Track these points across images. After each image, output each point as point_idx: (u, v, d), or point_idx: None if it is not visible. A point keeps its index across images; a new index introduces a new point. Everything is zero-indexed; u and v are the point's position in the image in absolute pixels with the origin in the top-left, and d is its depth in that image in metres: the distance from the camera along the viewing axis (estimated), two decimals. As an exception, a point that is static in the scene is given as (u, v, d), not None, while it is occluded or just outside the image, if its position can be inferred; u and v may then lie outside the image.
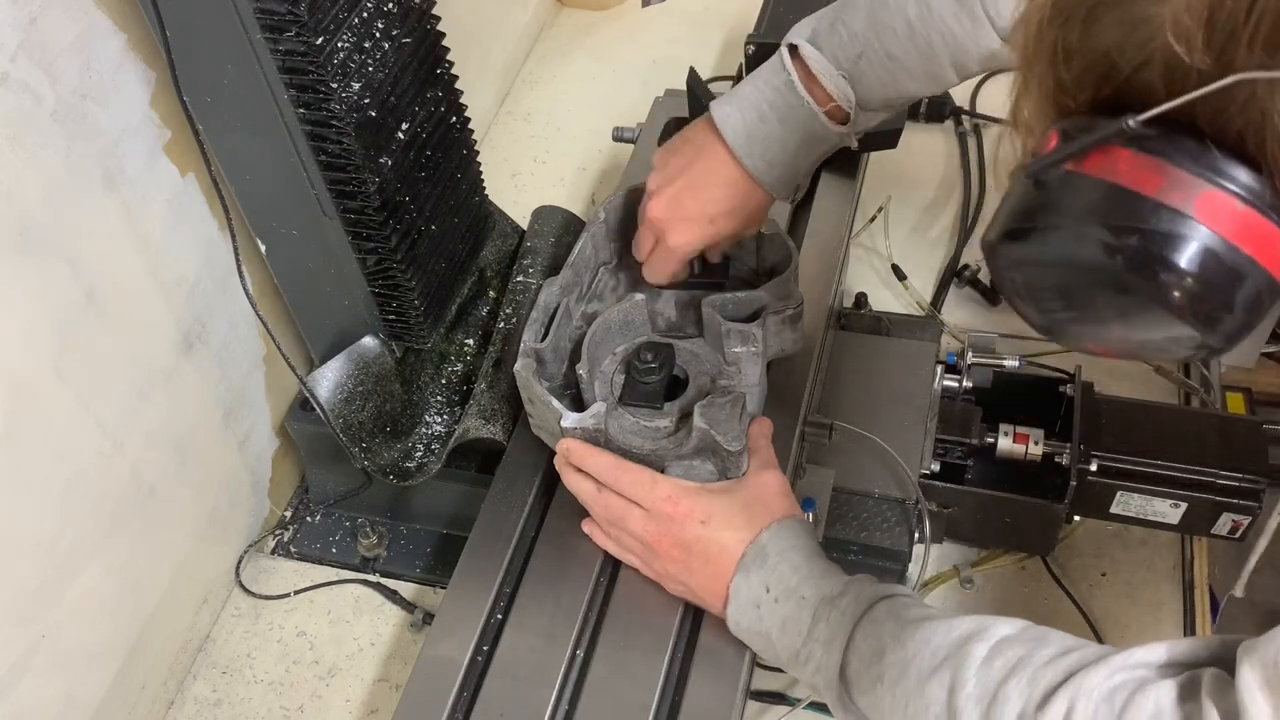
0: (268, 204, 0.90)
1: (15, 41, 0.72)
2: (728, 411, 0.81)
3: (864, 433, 0.98)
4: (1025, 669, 0.61)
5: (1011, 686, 0.61)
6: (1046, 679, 0.60)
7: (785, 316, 0.89)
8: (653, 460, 0.83)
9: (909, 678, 0.65)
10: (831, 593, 0.74)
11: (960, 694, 0.62)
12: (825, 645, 0.72)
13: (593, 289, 0.96)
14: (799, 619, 0.74)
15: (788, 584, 0.75)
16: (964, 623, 0.66)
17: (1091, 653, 0.61)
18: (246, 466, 1.06)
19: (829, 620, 0.72)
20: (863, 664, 0.70)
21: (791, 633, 0.74)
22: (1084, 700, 0.57)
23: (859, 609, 0.72)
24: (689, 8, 1.67)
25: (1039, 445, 0.98)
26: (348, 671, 1.01)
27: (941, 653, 0.65)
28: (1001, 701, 0.60)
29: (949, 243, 1.31)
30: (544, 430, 0.89)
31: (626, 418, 0.85)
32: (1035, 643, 0.63)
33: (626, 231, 0.96)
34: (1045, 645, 0.62)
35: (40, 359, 0.78)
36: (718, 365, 0.89)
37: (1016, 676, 0.61)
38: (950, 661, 0.64)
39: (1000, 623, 0.66)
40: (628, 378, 0.88)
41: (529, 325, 0.88)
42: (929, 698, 0.64)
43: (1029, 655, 0.62)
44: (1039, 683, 0.60)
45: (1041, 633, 0.65)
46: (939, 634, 0.66)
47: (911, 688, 0.65)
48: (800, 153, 0.87)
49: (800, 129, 0.85)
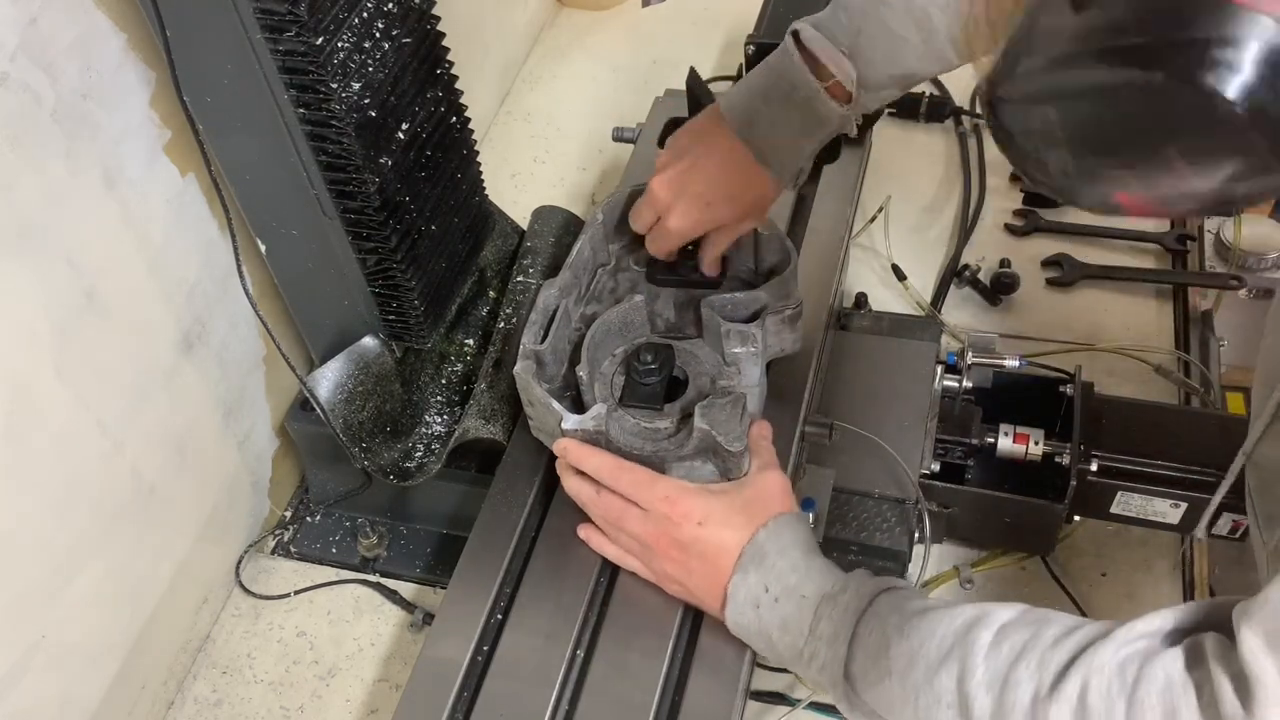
0: (268, 204, 0.90)
1: (15, 41, 0.72)
2: (728, 412, 0.81)
3: (864, 433, 0.98)
4: (1033, 651, 0.61)
5: (1021, 670, 0.61)
6: (1056, 660, 0.60)
7: (785, 317, 0.89)
8: (654, 462, 0.83)
9: (916, 669, 0.66)
10: (832, 589, 0.74)
11: (970, 681, 0.62)
12: (829, 642, 0.72)
13: (591, 290, 0.96)
14: (800, 618, 0.74)
15: (787, 583, 0.75)
16: (965, 610, 0.67)
17: (1095, 629, 0.61)
18: (246, 466, 1.06)
19: (831, 617, 0.73)
20: (868, 659, 0.70)
21: (794, 632, 0.74)
22: (1097, 677, 0.58)
23: (861, 604, 0.72)
24: (689, 8, 1.67)
25: (1039, 445, 0.98)
26: (348, 671, 1.01)
27: (947, 642, 0.65)
28: (1013, 686, 0.61)
29: (949, 243, 1.31)
30: (543, 432, 0.89)
31: (627, 419, 0.85)
32: (1038, 624, 0.63)
33: (625, 233, 0.96)
34: (1049, 626, 0.63)
35: (40, 359, 0.78)
36: (717, 366, 0.89)
37: (1025, 659, 0.61)
38: (957, 650, 0.64)
39: (1000, 608, 0.66)
40: (627, 379, 0.88)
41: (528, 327, 0.88)
42: (939, 688, 0.64)
43: (1035, 637, 0.62)
44: (1049, 664, 0.60)
45: (1042, 614, 0.65)
46: (942, 624, 0.66)
47: (920, 679, 0.65)
48: (802, 134, 0.86)
49: (801, 109, 0.85)
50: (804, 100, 0.84)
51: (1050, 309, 1.24)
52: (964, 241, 1.29)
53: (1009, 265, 1.26)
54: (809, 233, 1.09)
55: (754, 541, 0.77)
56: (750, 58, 1.26)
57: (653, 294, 0.95)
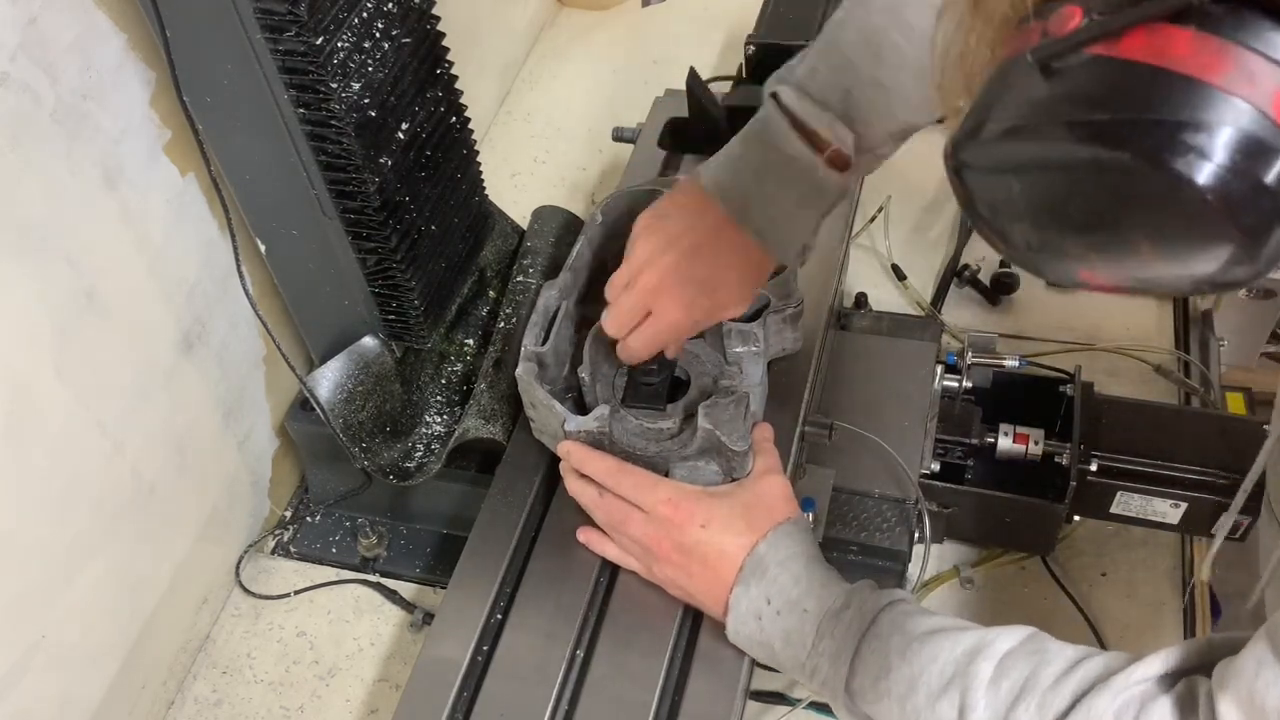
0: (268, 204, 0.90)
1: (15, 41, 0.72)
2: (731, 412, 0.81)
3: (864, 432, 0.98)
4: (1033, 693, 0.62)
5: (1021, 712, 0.61)
6: (1055, 705, 0.61)
7: (786, 316, 0.89)
8: (657, 462, 0.83)
9: (917, 694, 0.66)
10: (835, 605, 0.73)
11: (971, 717, 0.63)
12: (831, 659, 0.72)
13: (591, 291, 0.96)
14: (802, 632, 0.74)
15: (788, 596, 0.75)
16: (967, 637, 0.67)
17: (1095, 668, 0.62)
18: (246, 466, 1.06)
19: (834, 635, 0.72)
20: (869, 679, 0.70)
21: (795, 645, 0.74)
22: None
23: (863, 623, 0.72)
24: (689, 8, 1.67)
25: (1039, 445, 0.98)
26: (348, 671, 1.01)
27: (949, 671, 0.65)
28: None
29: (949, 243, 1.31)
30: (546, 434, 0.89)
31: (630, 420, 0.85)
32: (1039, 658, 0.63)
33: (623, 233, 0.95)
34: (1049, 662, 0.63)
35: (40, 359, 0.78)
36: (719, 365, 0.89)
37: (1025, 701, 0.62)
38: (958, 681, 0.64)
39: (1002, 636, 0.66)
40: (629, 379, 0.87)
41: (529, 329, 0.88)
42: (939, 718, 0.65)
43: (1034, 675, 0.62)
44: (1048, 709, 0.61)
45: (1042, 644, 0.65)
46: (944, 650, 0.66)
47: (921, 705, 0.66)
48: (802, 208, 0.80)
49: (798, 183, 0.79)
50: (800, 173, 0.78)
51: (1050, 309, 1.24)
52: (964, 241, 1.29)
53: (1009, 265, 1.26)
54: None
55: (754, 554, 0.77)
56: (750, 58, 1.25)
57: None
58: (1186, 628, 0.98)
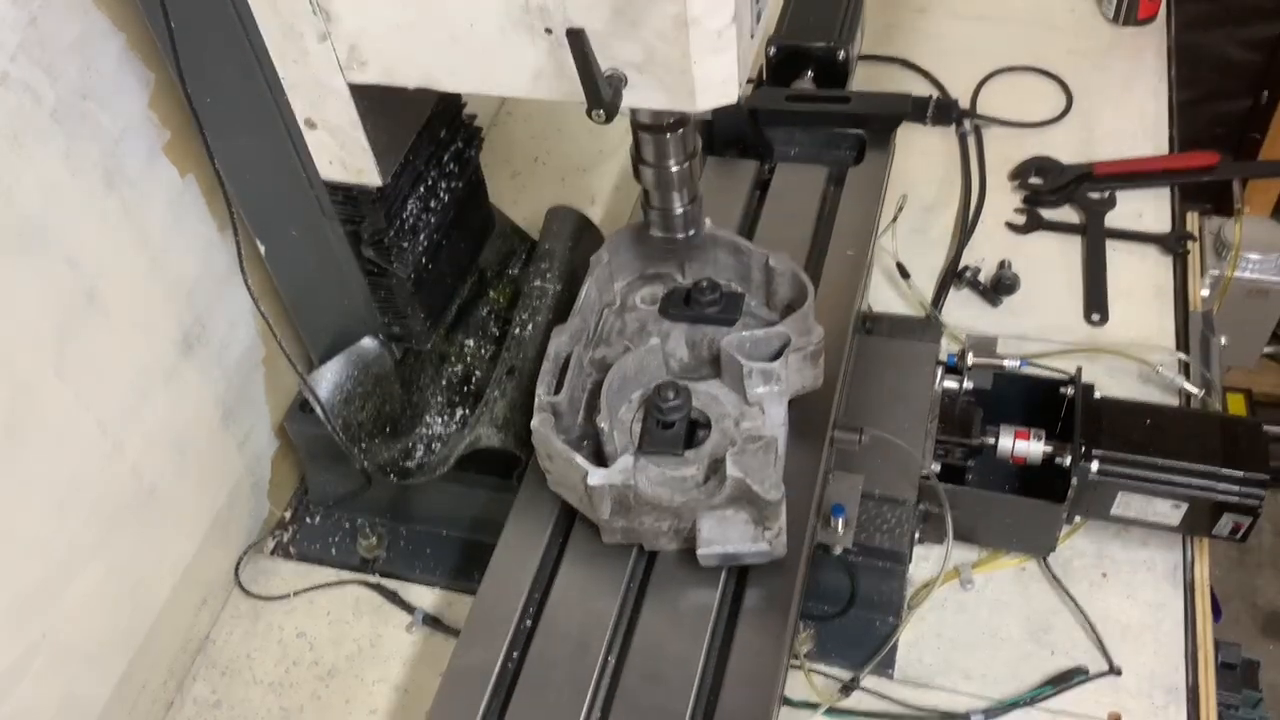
0: (268, 204, 0.90)
1: (15, 41, 0.72)
2: (761, 458, 0.78)
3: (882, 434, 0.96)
4: None
5: None
6: None
7: (807, 353, 0.86)
8: (683, 513, 0.80)
9: None
10: None
11: None
12: None
13: (599, 332, 0.93)
14: None
15: None
16: None
17: None
18: (246, 467, 1.06)
19: None
20: None
21: None
22: None
23: None
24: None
25: (1039, 446, 0.98)
26: (347, 672, 1.01)
27: None
28: None
29: (949, 243, 1.31)
30: (564, 486, 0.85)
31: (652, 469, 0.82)
32: None
33: (630, 270, 0.93)
34: None
35: (41, 359, 0.78)
36: (739, 407, 0.86)
37: None
38: None
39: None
40: (645, 424, 0.84)
41: (540, 378, 0.84)
42: None
43: None
44: None
45: None
46: None
47: None
48: None
49: None
50: None
51: (1051, 310, 1.24)
52: (964, 242, 1.29)
53: (1009, 265, 1.26)
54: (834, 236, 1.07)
55: None
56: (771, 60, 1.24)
57: (664, 334, 0.91)
58: (1186, 628, 0.98)
